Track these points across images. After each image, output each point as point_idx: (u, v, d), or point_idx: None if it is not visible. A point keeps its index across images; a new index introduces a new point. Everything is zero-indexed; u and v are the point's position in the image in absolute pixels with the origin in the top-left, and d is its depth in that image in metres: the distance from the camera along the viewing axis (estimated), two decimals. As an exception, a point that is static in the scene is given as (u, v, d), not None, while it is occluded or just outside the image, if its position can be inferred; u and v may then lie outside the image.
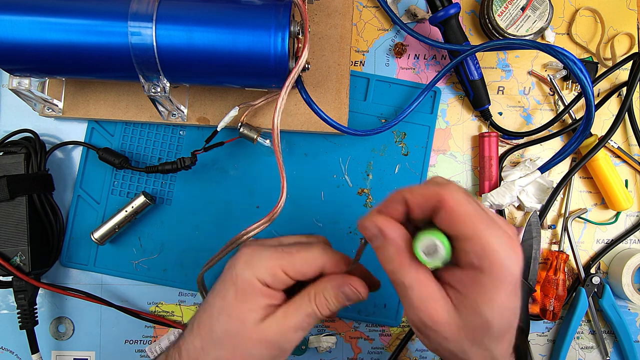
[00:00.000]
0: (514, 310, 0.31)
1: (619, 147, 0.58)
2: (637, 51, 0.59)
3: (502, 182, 0.56)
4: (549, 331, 0.59)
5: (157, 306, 0.58)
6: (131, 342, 0.58)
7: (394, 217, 0.32)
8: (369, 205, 0.57)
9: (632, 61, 0.56)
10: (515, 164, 0.58)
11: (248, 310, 0.35)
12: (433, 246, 0.29)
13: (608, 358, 0.58)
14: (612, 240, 0.59)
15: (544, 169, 0.55)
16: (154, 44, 0.44)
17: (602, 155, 0.56)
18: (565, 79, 0.59)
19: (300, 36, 0.46)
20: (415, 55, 0.59)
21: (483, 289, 0.29)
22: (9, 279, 0.53)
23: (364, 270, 0.39)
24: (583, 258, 0.58)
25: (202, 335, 0.36)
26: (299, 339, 0.36)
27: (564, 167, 0.59)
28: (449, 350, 0.32)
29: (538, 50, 0.53)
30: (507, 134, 0.58)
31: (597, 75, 0.58)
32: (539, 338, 0.58)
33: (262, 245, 0.37)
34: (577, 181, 0.59)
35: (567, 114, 0.57)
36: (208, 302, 0.37)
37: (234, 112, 0.52)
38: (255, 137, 0.54)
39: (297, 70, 0.45)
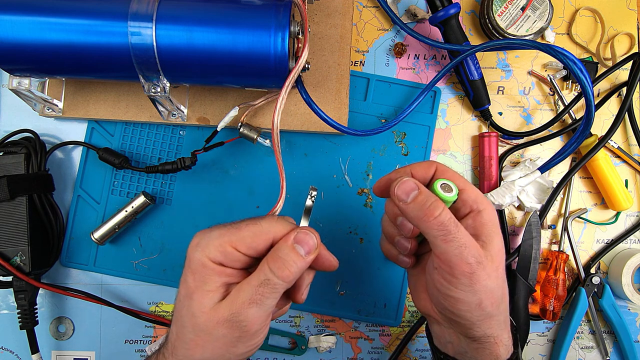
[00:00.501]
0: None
1: (619, 147, 0.58)
2: (637, 51, 0.59)
3: (502, 182, 0.56)
4: (549, 331, 0.59)
5: (157, 306, 0.58)
6: (131, 342, 0.58)
7: None
8: (369, 205, 0.57)
9: (632, 61, 0.56)
10: (515, 164, 0.58)
11: (206, 291, 0.35)
12: (447, 185, 0.37)
13: (608, 358, 0.58)
14: (612, 240, 0.59)
15: (544, 169, 0.54)
16: (154, 44, 0.44)
17: (602, 155, 0.56)
18: (565, 79, 0.59)
19: (300, 36, 0.46)
20: (415, 55, 0.59)
21: (488, 224, 0.37)
22: (9, 279, 0.53)
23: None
24: (583, 258, 0.58)
25: (175, 322, 0.36)
26: (259, 317, 0.35)
27: (564, 167, 0.59)
28: (490, 290, 0.35)
29: (538, 50, 0.53)
30: (507, 134, 0.58)
31: (597, 75, 0.58)
32: (539, 338, 0.58)
33: (212, 227, 0.37)
34: (577, 181, 0.59)
35: (567, 114, 0.57)
36: (178, 290, 0.37)
37: (234, 112, 0.52)
38: (255, 137, 0.54)
39: (297, 70, 0.45)
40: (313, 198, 0.38)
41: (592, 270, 0.58)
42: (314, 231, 0.36)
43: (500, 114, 0.59)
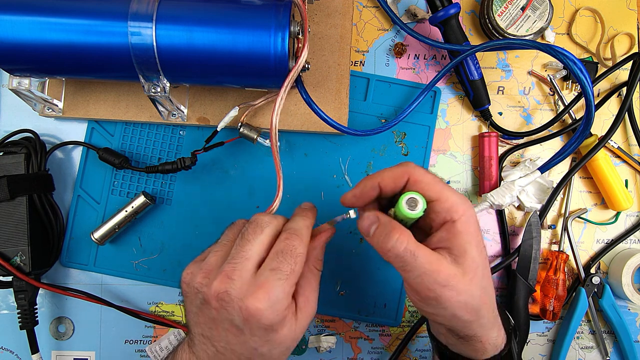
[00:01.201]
0: (484, 247, 0.38)
1: (619, 147, 0.58)
2: (637, 51, 0.59)
3: (502, 182, 0.56)
4: (549, 331, 0.59)
5: (157, 306, 0.58)
6: (131, 342, 0.58)
7: (371, 201, 0.40)
8: (369, 205, 0.57)
9: (632, 61, 0.56)
10: (515, 164, 0.58)
11: (289, 328, 0.37)
12: (414, 199, 0.36)
13: (608, 358, 0.58)
14: (612, 240, 0.59)
15: (544, 169, 0.54)
16: (154, 44, 0.44)
17: (602, 155, 0.56)
18: (565, 79, 0.59)
19: (300, 36, 0.46)
20: (415, 55, 0.59)
21: (461, 234, 0.36)
22: (9, 279, 0.53)
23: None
24: (583, 258, 0.58)
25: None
26: None
27: (564, 167, 0.59)
28: (463, 304, 0.36)
29: (538, 50, 0.53)
30: (507, 134, 0.58)
31: (597, 75, 0.58)
32: (539, 338, 0.58)
33: (260, 285, 0.35)
34: (577, 181, 0.59)
35: (567, 114, 0.57)
36: (254, 352, 0.37)
37: (234, 112, 0.52)
38: (255, 137, 0.54)
39: (296, 70, 0.45)
40: (345, 217, 0.41)
41: (592, 270, 0.58)
42: (332, 228, 0.42)
43: (500, 114, 0.59)
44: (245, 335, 0.36)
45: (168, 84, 0.47)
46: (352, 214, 0.40)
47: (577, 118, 0.58)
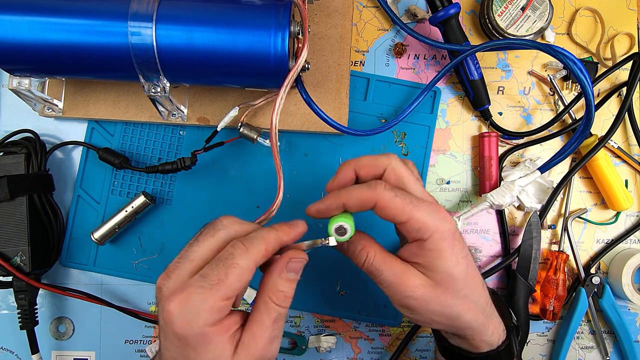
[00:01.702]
0: (467, 258, 0.38)
1: (619, 147, 0.58)
2: (637, 51, 0.59)
3: (502, 182, 0.56)
4: (549, 331, 0.59)
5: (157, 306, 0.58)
6: (131, 342, 0.58)
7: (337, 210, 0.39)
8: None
9: (632, 61, 0.56)
10: (515, 164, 0.58)
11: (216, 355, 0.32)
12: (342, 227, 0.37)
13: (608, 358, 0.58)
14: (612, 240, 0.59)
15: (544, 169, 0.54)
16: (154, 44, 0.44)
17: (602, 155, 0.56)
18: (565, 79, 0.59)
19: (300, 36, 0.46)
20: (415, 55, 0.59)
21: (431, 251, 0.36)
22: (9, 279, 0.53)
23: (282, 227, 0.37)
24: (583, 258, 0.58)
25: None
26: (278, 345, 0.35)
27: (564, 167, 0.59)
28: (437, 312, 0.37)
29: (538, 50, 0.53)
30: (507, 134, 0.58)
31: (597, 75, 0.58)
32: (539, 338, 0.58)
33: (183, 288, 0.32)
34: (577, 181, 0.59)
35: (567, 114, 0.57)
36: None
37: (234, 112, 0.52)
38: (255, 137, 0.54)
39: (296, 70, 0.45)
40: (325, 244, 0.38)
41: (592, 270, 0.58)
42: (301, 252, 0.36)
43: (500, 114, 0.59)
44: (167, 340, 0.33)
45: (168, 84, 0.47)
46: (332, 241, 0.37)
47: (577, 118, 0.58)
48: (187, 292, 0.31)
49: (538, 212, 0.56)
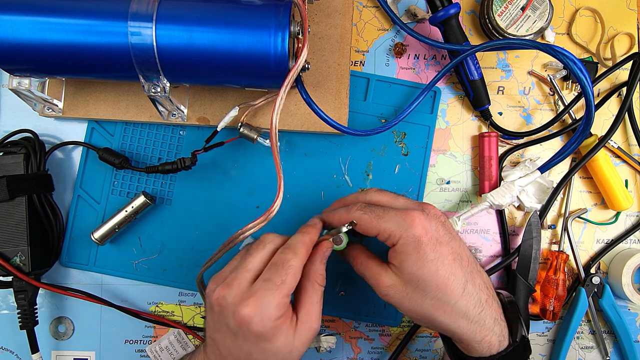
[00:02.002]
0: (438, 260, 0.40)
1: (619, 147, 0.58)
2: (637, 51, 0.59)
3: (502, 182, 0.56)
4: (549, 331, 0.59)
5: (157, 306, 0.58)
6: (131, 342, 0.58)
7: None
8: (369, 205, 0.57)
9: (632, 61, 0.56)
10: (515, 164, 0.58)
11: (284, 340, 0.39)
12: (339, 238, 0.44)
13: (608, 358, 0.58)
14: (612, 240, 0.59)
15: (544, 169, 0.54)
16: (154, 44, 0.44)
17: (602, 155, 0.56)
18: (565, 79, 0.59)
19: (300, 36, 0.46)
20: (415, 55, 0.59)
21: (400, 253, 0.41)
22: (9, 279, 0.53)
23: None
24: (583, 258, 0.58)
25: None
26: None
27: (564, 167, 0.59)
28: (410, 310, 0.42)
29: (538, 50, 0.53)
30: (507, 134, 0.58)
31: (597, 75, 0.58)
32: (539, 338, 0.58)
33: (252, 293, 0.38)
34: (577, 181, 0.59)
35: (567, 114, 0.57)
36: (250, 357, 0.40)
37: (234, 112, 0.52)
38: (255, 137, 0.54)
39: (296, 70, 0.45)
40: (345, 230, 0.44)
41: (592, 270, 0.58)
42: (331, 244, 0.44)
43: (500, 114, 0.59)
44: (239, 340, 0.39)
45: (168, 84, 0.47)
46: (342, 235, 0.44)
47: (577, 118, 0.58)
48: (258, 296, 0.38)
49: (538, 212, 0.56)
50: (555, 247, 0.58)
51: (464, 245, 0.43)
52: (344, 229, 0.43)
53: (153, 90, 0.47)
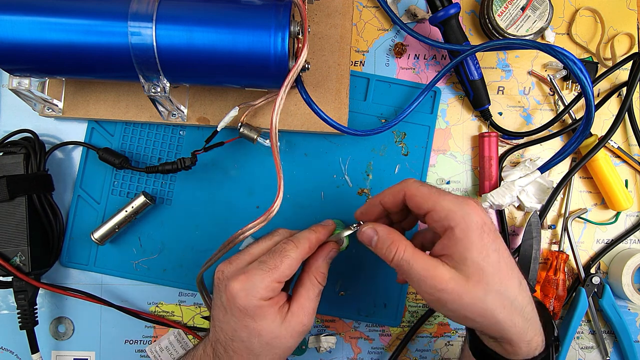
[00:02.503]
0: (499, 251, 0.37)
1: (619, 147, 0.58)
2: (637, 51, 0.59)
3: (502, 182, 0.56)
4: (549, 331, 0.58)
5: (157, 306, 0.58)
6: (131, 342, 0.58)
7: (377, 216, 0.45)
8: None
9: (632, 61, 0.56)
10: (515, 164, 0.58)
11: (270, 323, 0.40)
12: (340, 240, 0.44)
13: (608, 358, 0.58)
14: (612, 240, 0.59)
15: (544, 169, 0.54)
16: (154, 44, 0.44)
17: (602, 155, 0.56)
18: (565, 79, 0.59)
19: (300, 36, 0.46)
20: (415, 55, 0.59)
21: (460, 241, 0.37)
22: (9, 279, 0.53)
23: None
24: (583, 258, 0.58)
25: (244, 357, 0.41)
26: (314, 317, 0.43)
27: (564, 167, 0.59)
28: (469, 306, 0.37)
29: (538, 50, 0.53)
30: (507, 134, 0.58)
31: (597, 75, 0.58)
32: (539, 338, 0.58)
33: (245, 271, 0.40)
34: (577, 181, 0.59)
35: (567, 114, 0.57)
36: (234, 333, 0.41)
37: (234, 112, 0.52)
38: (255, 137, 0.54)
39: (296, 70, 0.45)
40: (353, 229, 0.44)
41: (592, 270, 0.58)
42: (336, 245, 0.45)
43: (500, 114, 0.59)
44: (228, 314, 0.40)
45: (168, 84, 0.47)
46: (344, 233, 0.44)
47: (577, 118, 0.58)
48: (248, 273, 0.40)
49: (538, 212, 0.56)
50: (555, 247, 0.58)
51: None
52: (346, 233, 0.44)
53: (153, 90, 0.47)
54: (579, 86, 0.51)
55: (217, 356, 0.42)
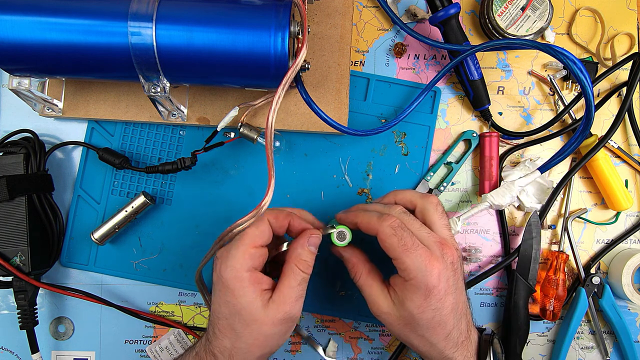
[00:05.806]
0: (436, 311, 0.42)
1: (619, 147, 0.58)
2: (637, 51, 0.59)
3: (502, 182, 0.56)
4: (549, 331, 0.59)
5: (157, 306, 0.58)
6: (131, 342, 0.58)
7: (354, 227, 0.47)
8: (369, 205, 0.57)
9: (632, 61, 0.56)
10: (515, 164, 0.58)
11: (249, 303, 0.41)
12: (342, 233, 0.46)
13: (608, 358, 0.58)
14: (612, 240, 0.59)
15: (544, 169, 0.54)
16: (154, 44, 0.44)
17: (602, 155, 0.56)
18: (565, 79, 0.59)
19: (300, 36, 0.46)
20: (415, 55, 0.59)
21: (407, 291, 0.42)
22: (9, 279, 0.53)
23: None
24: (583, 258, 0.58)
25: (228, 336, 0.42)
26: (301, 305, 0.43)
27: (564, 167, 0.59)
28: (397, 334, 0.45)
29: (538, 50, 0.53)
30: (507, 134, 0.58)
31: (597, 75, 0.58)
32: (539, 338, 0.58)
33: (227, 246, 0.43)
34: (577, 181, 0.59)
35: (567, 114, 0.57)
36: (219, 310, 0.42)
37: (234, 112, 0.52)
38: (255, 137, 0.54)
39: (294, 69, 0.45)
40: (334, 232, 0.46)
41: (592, 270, 0.58)
42: (318, 231, 0.45)
43: (500, 114, 0.59)
44: (215, 291, 0.43)
45: (168, 84, 0.47)
46: (334, 234, 0.46)
47: (577, 118, 0.58)
48: (228, 246, 0.43)
49: (538, 212, 0.56)
50: (555, 247, 0.58)
51: (464, 291, 0.46)
52: (335, 233, 0.46)
53: (153, 90, 0.47)
54: (579, 86, 0.51)
55: (208, 340, 0.43)
